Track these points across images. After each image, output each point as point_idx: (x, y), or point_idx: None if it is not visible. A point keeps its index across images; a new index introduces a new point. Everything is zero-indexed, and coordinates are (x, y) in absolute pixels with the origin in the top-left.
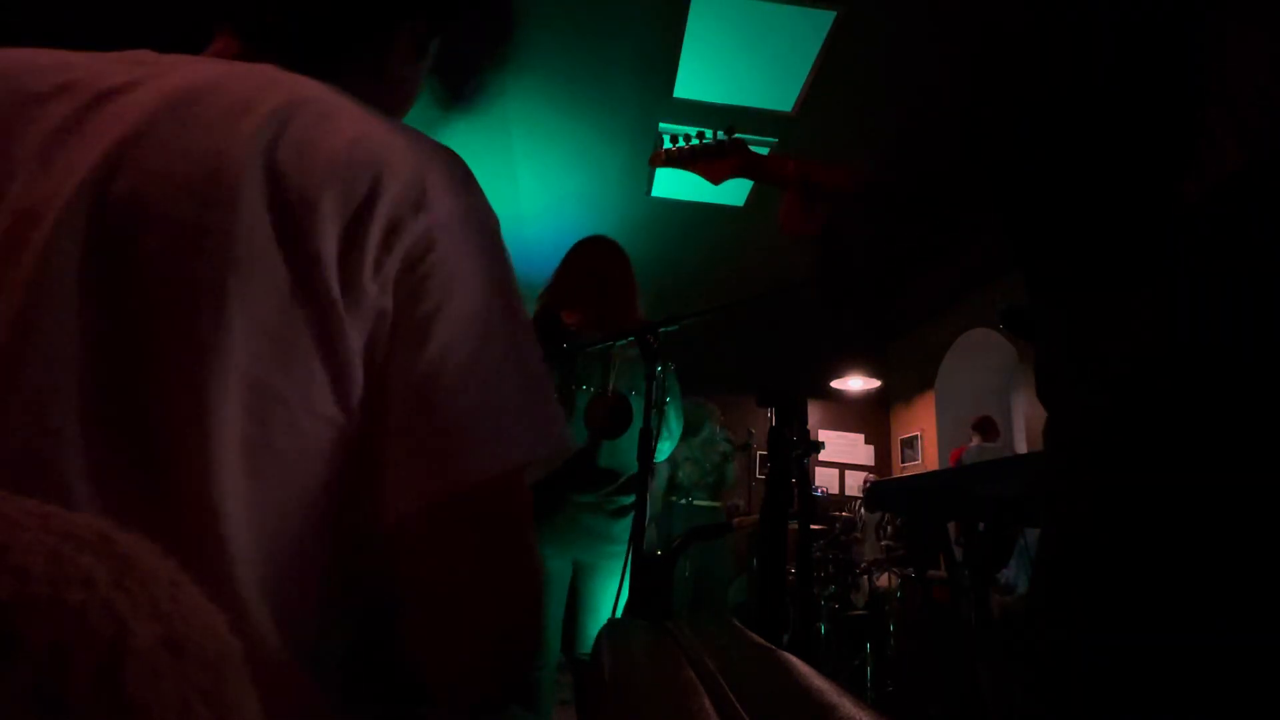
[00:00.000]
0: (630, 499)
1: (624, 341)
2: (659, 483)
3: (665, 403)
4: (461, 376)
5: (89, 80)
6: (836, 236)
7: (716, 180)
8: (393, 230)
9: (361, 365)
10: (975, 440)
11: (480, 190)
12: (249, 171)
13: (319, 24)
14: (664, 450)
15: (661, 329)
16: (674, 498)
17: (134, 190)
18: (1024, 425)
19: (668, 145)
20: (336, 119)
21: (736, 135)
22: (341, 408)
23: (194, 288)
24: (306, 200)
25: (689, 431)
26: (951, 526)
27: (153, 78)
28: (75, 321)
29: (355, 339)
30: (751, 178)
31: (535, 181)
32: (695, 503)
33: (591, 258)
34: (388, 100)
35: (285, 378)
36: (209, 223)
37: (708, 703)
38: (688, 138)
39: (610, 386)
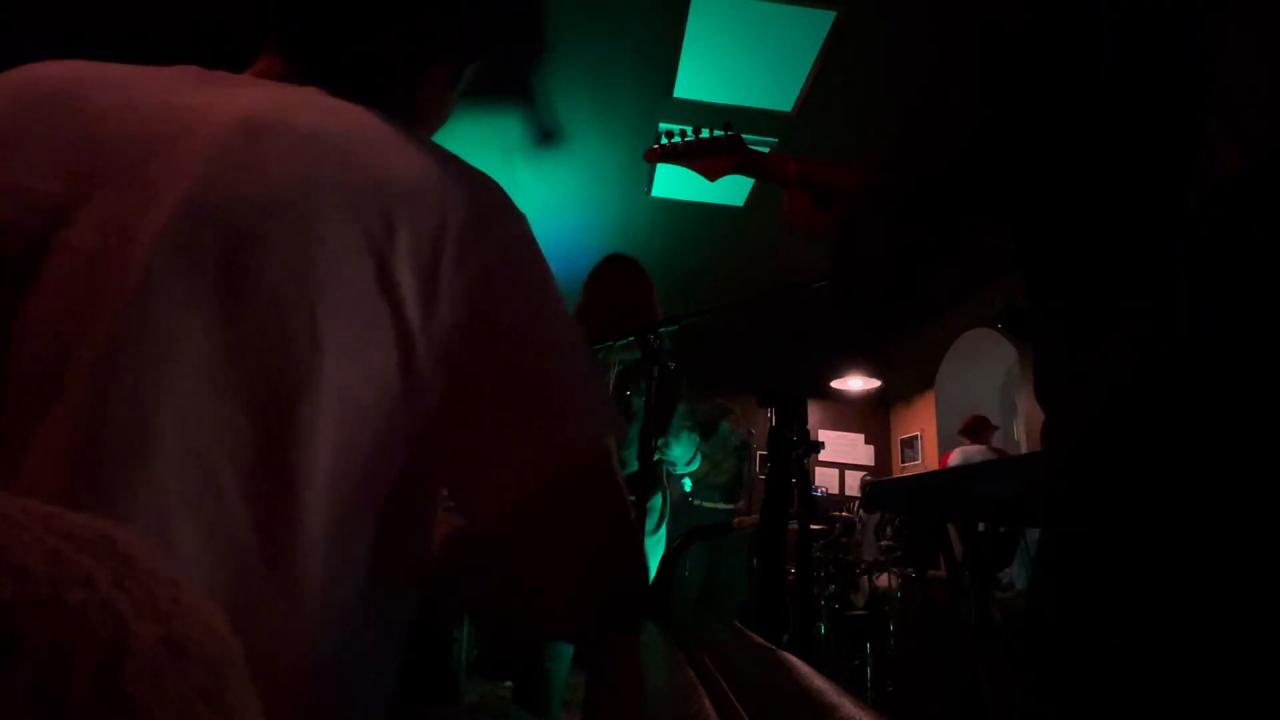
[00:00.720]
0: (655, 500)
1: (624, 342)
2: (678, 486)
3: (677, 416)
4: (547, 373)
5: (154, 99)
6: (850, 234)
7: (713, 176)
8: (461, 256)
9: (436, 377)
10: (963, 444)
11: (518, 210)
12: (326, 205)
13: (361, 55)
14: (684, 458)
15: (662, 329)
16: (691, 499)
17: (222, 213)
18: (1024, 425)
19: (664, 140)
20: (397, 152)
21: (734, 132)
22: (413, 416)
23: (288, 309)
24: (385, 231)
25: (705, 432)
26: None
27: (218, 101)
28: (176, 336)
29: (428, 355)
30: (749, 174)
31: (535, 181)
32: (705, 504)
33: (613, 280)
34: (420, 122)
35: (370, 391)
36: (297, 251)
37: (708, 703)
38: (684, 133)
39: (610, 387)
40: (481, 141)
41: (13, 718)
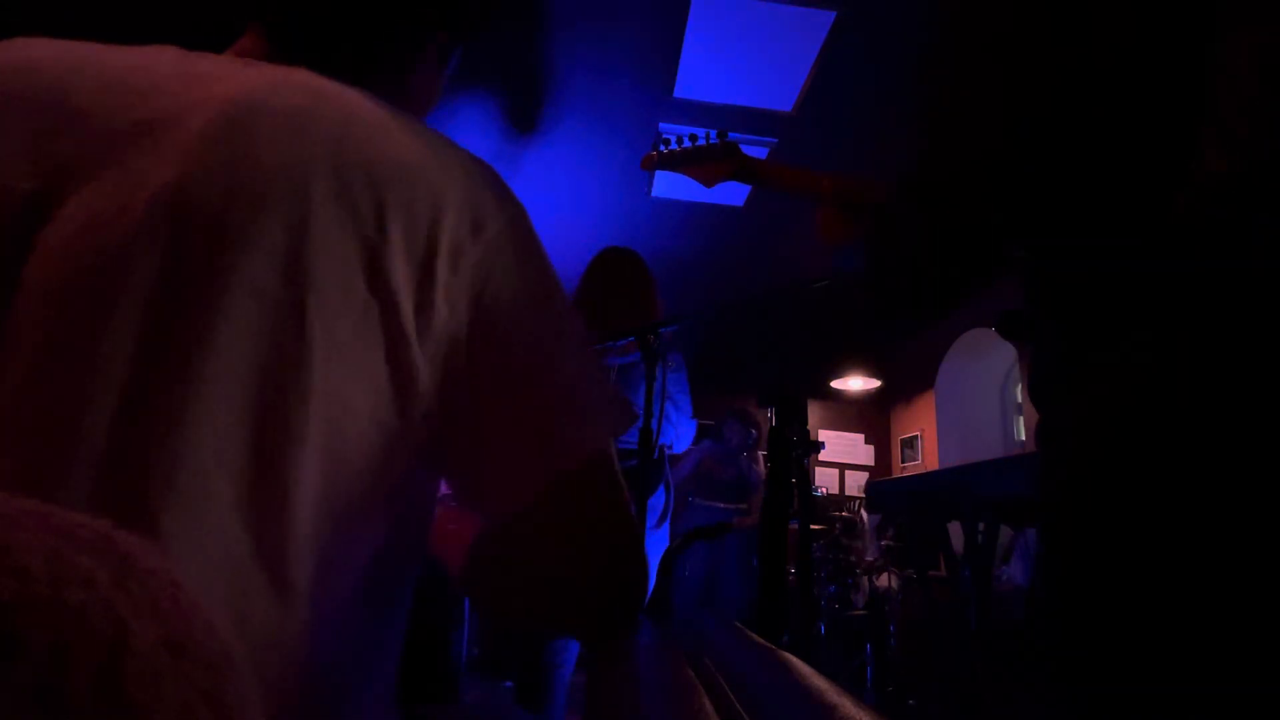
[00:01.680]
0: (658, 497)
1: (624, 341)
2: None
3: (672, 394)
4: (550, 373)
5: (135, 85)
6: (887, 229)
7: (709, 183)
8: (456, 254)
9: (432, 380)
10: None
11: (516, 198)
12: (319, 193)
13: (353, 35)
14: (682, 440)
15: (661, 329)
16: (694, 497)
17: (209, 206)
18: (1025, 425)
19: (661, 148)
20: (391, 137)
21: (730, 138)
22: (402, 418)
23: (276, 305)
24: (377, 222)
25: (712, 434)
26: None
27: (203, 87)
28: (158, 338)
29: (421, 356)
30: (745, 181)
31: (535, 182)
32: (710, 503)
33: (613, 271)
34: (411, 106)
35: (357, 389)
36: (288, 244)
37: (708, 703)
38: (680, 139)
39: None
40: (479, 139)
41: (14, 718)
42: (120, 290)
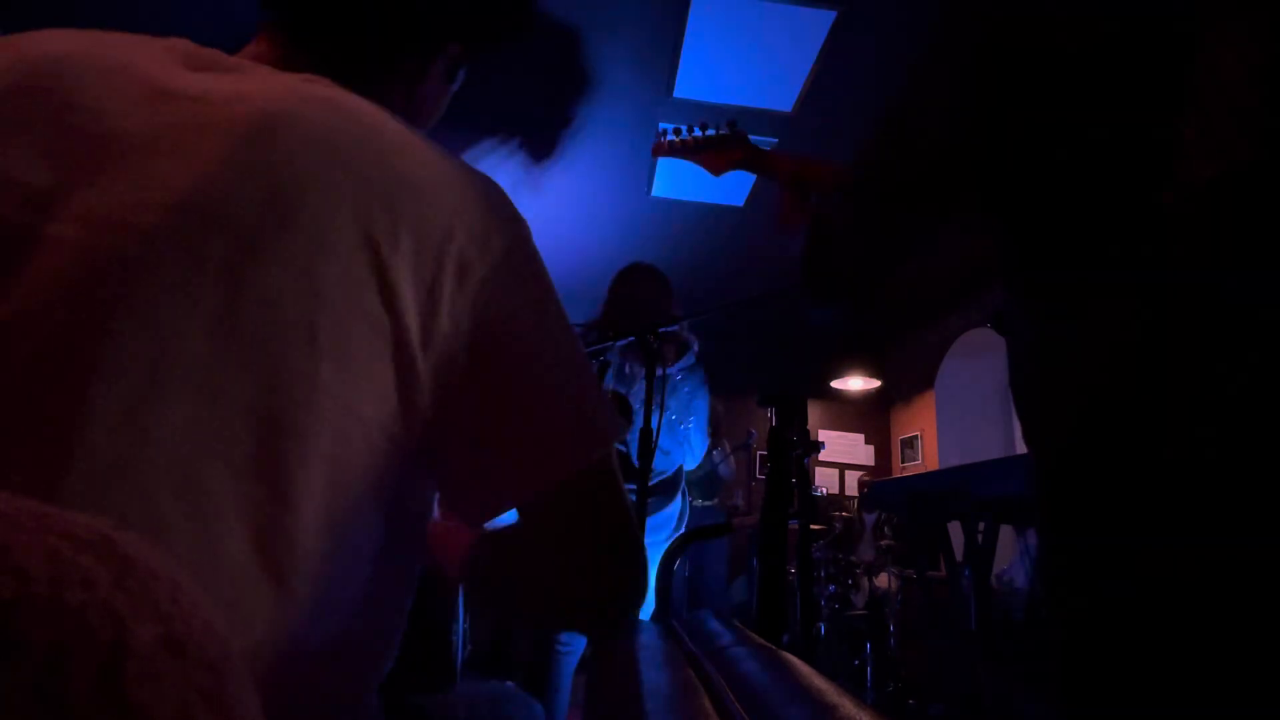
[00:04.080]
0: (674, 506)
1: (624, 343)
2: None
3: (697, 409)
4: (550, 385)
5: (151, 84)
6: (823, 223)
7: (717, 171)
8: (463, 271)
9: (433, 389)
10: None
11: (522, 217)
12: (338, 212)
13: (371, 45)
14: (695, 457)
15: (661, 329)
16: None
17: (231, 215)
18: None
19: (670, 137)
20: (407, 155)
21: (738, 129)
22: (404, 426)
23: (287, 318)
24: (391, 238)
25: None
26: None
27: (226, 94)
28: (172, 339)
29: (425, 366)
30: (752, 170)
31: (535, 181)
32: (693, 503)
33: (634, 288)
34: (417, 118)
35: (364, 398)
36: (305, 260)
37: (708, 703)
38: (690, 128)
39: (609, 387)
40: (479, 140)
41: (13, 718)
42: (133, 290)
